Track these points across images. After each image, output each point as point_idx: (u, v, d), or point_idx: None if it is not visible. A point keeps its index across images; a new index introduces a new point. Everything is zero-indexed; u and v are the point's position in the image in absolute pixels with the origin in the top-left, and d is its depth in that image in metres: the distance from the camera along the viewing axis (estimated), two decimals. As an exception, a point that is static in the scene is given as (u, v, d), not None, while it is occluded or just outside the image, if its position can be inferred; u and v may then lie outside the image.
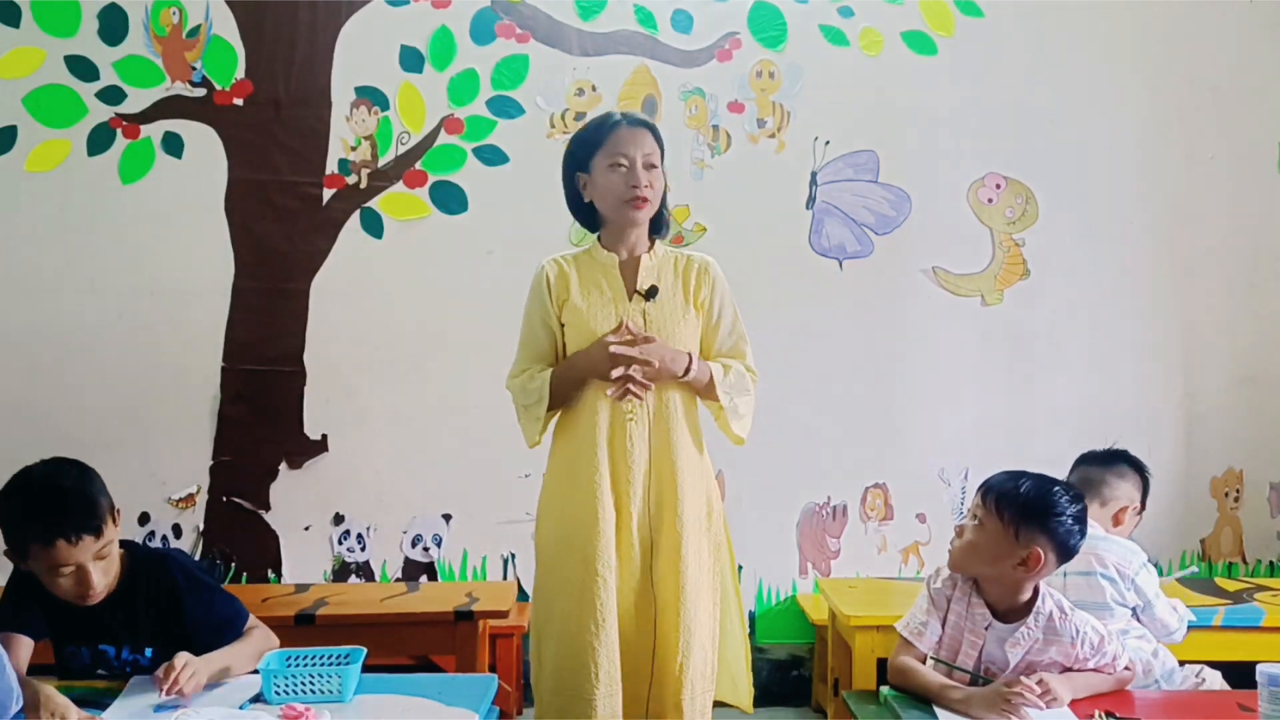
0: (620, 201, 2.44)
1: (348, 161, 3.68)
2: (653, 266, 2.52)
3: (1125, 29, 3.76)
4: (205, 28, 3.64)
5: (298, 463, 3.68)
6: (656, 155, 2.47)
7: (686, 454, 2.48)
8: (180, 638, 2.24)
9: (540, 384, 2.49)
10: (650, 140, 2.47)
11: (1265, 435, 3.81)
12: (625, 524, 2.45)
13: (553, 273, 2.53)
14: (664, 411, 2.47)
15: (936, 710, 2.11)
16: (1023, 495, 2.19)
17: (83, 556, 2.14)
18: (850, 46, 3.73)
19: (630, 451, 2.44)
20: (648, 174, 2.44)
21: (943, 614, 2.25)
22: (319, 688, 2.10)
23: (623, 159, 2.43)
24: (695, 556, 2.47)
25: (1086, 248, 3.78)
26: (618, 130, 2.46)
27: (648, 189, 2.43)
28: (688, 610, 2.44)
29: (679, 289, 2.51)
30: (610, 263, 2.51)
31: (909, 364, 3.76)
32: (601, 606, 2.40)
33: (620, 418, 2.45)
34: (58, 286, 3.64)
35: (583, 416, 2.47)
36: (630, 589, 2.46)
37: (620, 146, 2.44)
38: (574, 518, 2.45)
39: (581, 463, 2.45)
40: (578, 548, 2.43)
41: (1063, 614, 2.20)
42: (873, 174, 3.76)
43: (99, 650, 2.28)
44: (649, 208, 2.46)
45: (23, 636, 2.27)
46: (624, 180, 2.43)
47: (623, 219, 2.48)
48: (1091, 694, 2.16)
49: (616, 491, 2.45)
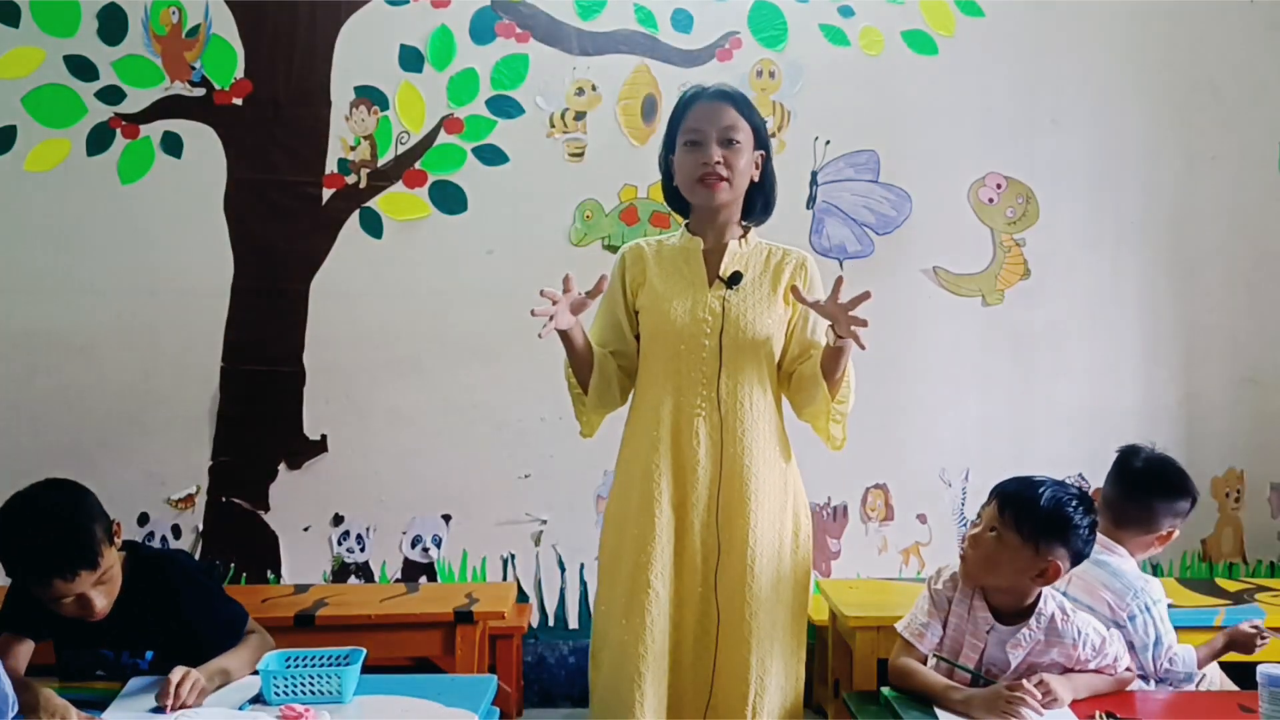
0: (692, 181, 2.27)
1: (347, 161, 3.67)
2: (740, 254, 2.34)
3: (1125, 29, 3.75)
4: (205, 27, 3.64)
5: (297, 463, 3.68)
6: (741, 130, 2.27)
7: (764, 455, 2.28)
8: (180, 640, 2.24)
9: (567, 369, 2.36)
10: (731, 113, 2.27)
11: (1266, 435, 3.81)
12: (687, 529, 2.25)
13: (630, 256, 2.38)
14: (738, 407, 2.26)
15: (937, 711, 2.11)
16: (1043, 510, 2.17)
17: (82, 588, 2.13)
18: (850, 46, 3.72)
19: (695, 448, 2.25)
20: (726, 150, 2.24)
21: (944, 616, 2.26)
22: (318, 688, 2.10)
23: (696, 135, 2.26)
24: (771, 575, 2.26)
25: (1086, 248, 3.78)
26: (695, 105, 2.29)
27: (720, 165, 2.24)
28: (759, 637, 2.23)
29: (766, 280, 2.33)
30: (694, 247, 2.34)
31: (909, 364, 3.76)
32: (651, 623, 2.21)
33: (687, 411, 2.26)
34: (58, 286, 3.64)
35: (645, 409, 2.31)
36: (693, 604, 2.25)
37: (694, 121, 2.27)
38: (629, 520, 2.28)
39: (639, 459, 2.28)
40: (629, 554, 2.25)
41: (1064, 616, 2.20)
42: (873, 174, 3.76)
43: (99, 654, 2.28)
44: (725, 187, 2.26)
45: (25, 639, 2.27)
46: (696, 158, 2.25)
47: (699, 199, 2.29)
48: (1092, 695, 2.16)
49: (679, 493, 2.25)
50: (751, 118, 2.31)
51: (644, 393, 2.33)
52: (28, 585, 2.16)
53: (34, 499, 2.16)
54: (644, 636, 2.22)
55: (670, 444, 2.27)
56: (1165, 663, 2.44)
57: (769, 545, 2.27)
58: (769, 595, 2.26)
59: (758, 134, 2.32)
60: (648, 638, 2.22)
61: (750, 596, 2.23)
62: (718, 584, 2.24)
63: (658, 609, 2.23)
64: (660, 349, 2.31)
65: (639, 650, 2.21)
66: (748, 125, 2.29)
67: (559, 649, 3.72)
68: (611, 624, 2.28)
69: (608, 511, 2.39)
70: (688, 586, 2.26)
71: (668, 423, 2.27)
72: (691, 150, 2.26)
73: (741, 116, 2.28)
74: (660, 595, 2.23)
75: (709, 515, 2.25)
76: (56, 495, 2.18)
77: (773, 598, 2.27)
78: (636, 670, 2.21)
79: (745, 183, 2.31)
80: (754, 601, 2.23)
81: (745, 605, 2.23)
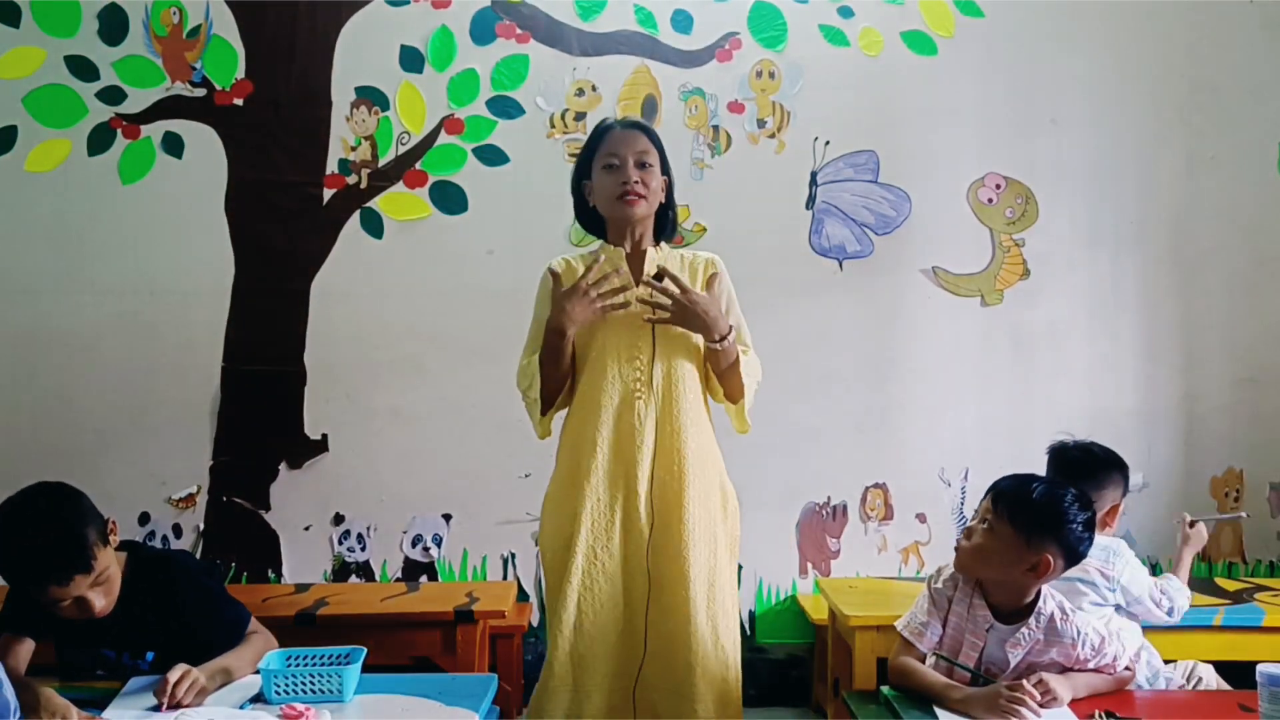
0: (613, 198, 2.47)
1: (348, 161, 3.68)
2: (660, 257, 2.54)
3: (1126, 29, 3.75)
4: (205, 28, 3.64)
5: (298, 463, 3.69)
6: (651, 155, 2.49)
7: (696, 435, 2.46)
8: (182, 640, 2.24)
9: (532, 364, 2.51)
10: (643, 140, 2.49)
11: (1265, 435, 3.81)
12: (632, 504, 2.42)
13: (559, 269, 2.54)
14: (673, 390, 2.45)
15: (937, 711, 2.11)
16: (1036, 503, 2.18)
17: (78, 591, 2.13)
18: (850, 46, 3.73)
19: (638, 428, 2.42)
20: (640, 172, 2.46)
21: (943, 614, 2.26)
22: (319, 687, 2.10)
23: (614, 158, 2.46)
24: (706, 544, 2.43)
25: (1086, 248, 3.78)
26: (610, 133, 2.50)
27: (638, 185, 2.45)
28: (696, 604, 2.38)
29: (684, 277, 2.48)
30: (618, 255, 2.52)
31: (909, 364, 3.76)
32: (599, 591, 2.40)
33: (628, 395, 2.44)
34: (58, 286, 3.64)
35: (587, 395, 2.47)
36: (639, 573, 2.42)
37: (612, 147, 2.48)
38: (575, 497, 2.44)
39: (585, 439, 2.45)
40: (578, 531, 2.41)
41: (1064, 615, 2.20)
42: (873, 174, 3.76)
43: (100, 654, 2.28)
44: (642, 204, 2.47)
45: (25, 639, 2.27)
46: (615, 178, 2.46)
47: (618, 215, 2.49)
48: (1092, 694, 2.17)
49: (623, 470, 2.43)
50: (659, 146, 2.53)
51: (587, 381, 2.49)
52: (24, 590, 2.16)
53: (24, 505, 2.15)
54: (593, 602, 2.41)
55: (614, 427, 2.44)
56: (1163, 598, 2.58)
57: (703, 516, 2.44)
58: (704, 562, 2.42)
59: (664, 160, 2.53)
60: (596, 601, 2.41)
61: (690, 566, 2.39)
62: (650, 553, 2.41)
63: (604, 578, 2.42)
64: (599, 343, 2.48)
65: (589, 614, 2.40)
66: (656, 151, 2.50)
67: (559, 649, 3.72)
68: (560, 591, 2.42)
69: (551, 486, 2.54)
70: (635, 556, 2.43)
71: (611, 407, 2.44)
72: (611, 172, 2.47)
73: (651, 144, 2.50)
74: (606, 567, 2.42)
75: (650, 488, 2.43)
76: (47, 500, 2.16)
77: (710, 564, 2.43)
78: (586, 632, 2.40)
79: (657, 201, 2.52)
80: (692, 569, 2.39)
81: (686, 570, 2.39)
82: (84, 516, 2.15)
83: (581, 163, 2.56)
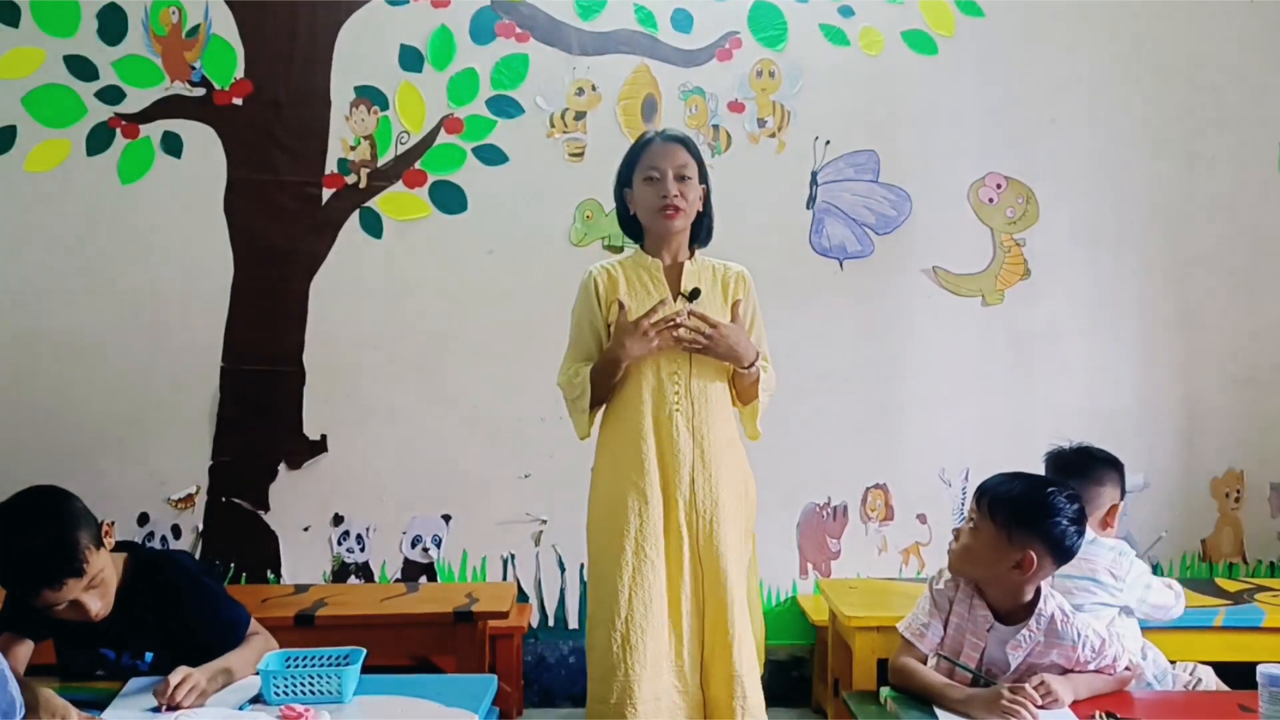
0: (654, 211, 2.60)
1: (347, 161, 3.68)
2: (694, 271, 2.67)
3: (1125, 29, 3.75)
4: (205, 27, 3.64)
5: (297, 463, 3.68)
6: (691, 168, 2.62)
7: (726, 443, 2.64)
8: (181, 641, 2.24)
9: (583, 379, 2.63)
10: (683, 154, 2.62)
11: (1265, 436, 3.81)
12: (672, 510, 2.58)
13: (601, 278, 2.67)
14: (705, 403, 2.61)
15: (937, 711, 2.11)
16: (1016, 498, 2.19)
17: (71, 594, 2.12)
18: (850, 46, 3.73)
19: (676, 440, 2.58)
20: (679, 185, 2.59)
21: (944, 616, 2.26)
22: (318, 688, 2.10)
23: (655, 171, 2.60)
24: (736, 546, 2.61)
25: (1086, 248, 3.78)
26: (651, 146, 2.63)
27: (678, 198, 2.58)
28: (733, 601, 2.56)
29: (717, 293, 2.66)
30: (655, 267, 2.66)
31: (909, 364, 3.76)
32: (649, 587, 2.53)
33: (665, 407, 2.59)
34: (58, 286, 3.64)
35: (629, 407, 2.61)
36: (679, 574, 2.57)
37: (653, 160, 2.61)
38: (623, 502, 2.58)
39: (628, 451, 2.59)
40: (627, 532, 2.56)
41: (1064, 616, 2.20)
42: (873, 174, 3.76)
43: (99, 654, 2.28)
44: (681, 216, 2.61)
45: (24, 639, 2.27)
46: (656, 191, 2.59)
47: (658, 227, 2.64)
48: (1093, 695, 2.16)
49: (664, 478, 2.58)
50: (698, 157, 2.66)
51: (626, 392, 2.63)
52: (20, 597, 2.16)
53: (14, 510, 2.15)
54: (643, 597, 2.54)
55: (654, 434, 2.60)
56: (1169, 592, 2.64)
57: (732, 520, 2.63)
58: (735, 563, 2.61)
59: (702, 171, 2.67)
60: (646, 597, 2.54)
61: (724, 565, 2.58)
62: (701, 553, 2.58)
63: (654, 575, 2.55)
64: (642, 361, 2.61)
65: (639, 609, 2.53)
66: (695, 164, 2.64)
67: (559, 649, 3.72)
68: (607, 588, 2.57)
69: (594, 491, 2.70)
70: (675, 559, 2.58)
71: (650, 416, 2.60)
72: (651, 184, 2.61)
73: (691, 157, 2.64)
74: (656, 565, 2.56)
75: (690, 497, 2.59)
76: (37, 504, 2.15)
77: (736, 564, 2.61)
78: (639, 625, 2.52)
79: (694, 212, 2.66)
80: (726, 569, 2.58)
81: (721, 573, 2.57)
82: (75, 520, 2.14)
83: (623, 172, 2.69)
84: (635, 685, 2.49)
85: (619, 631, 2.52)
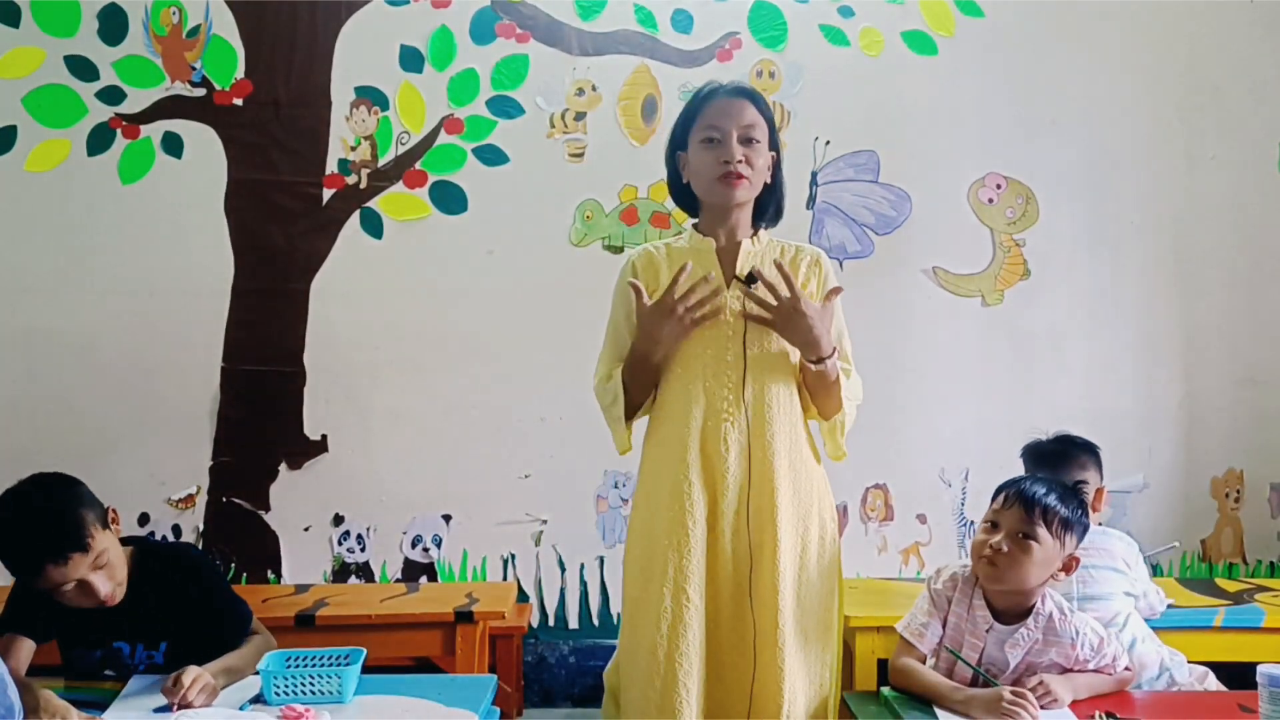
0: (712, 179, 2.18)
1: (347, 161, 3.68)
2: (755, 253, 2.27)
3: (1125, 29, 3.75)
4: (205, 28, 3.64)
5: (298, 463, 3.68)
6: (759, 129, 2.20)
7: (792, 460, 2.21)
8: (193, 631, 2.26)
9: (615, 383, 2.23)
10: (751, 111, 2.20)
11: (1265, 435, 3.80)
12: (718, 538, 2.17)
13: (640, 262, 2.28)
14: (764, 410, 2.18)
15: (937, 711, 2.11)
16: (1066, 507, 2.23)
17: (78, 572, 2.13)
18: (850, 46, 3.73)
19: (724, 455, 2.17)
20: (745, 148, 2.17)
21: (943, 615, 2.26)
22: (319, 688, 2.11)
23: (715, 131, 2.18)
24: (798, 581, 2.20)
25: (1086, 248, 3.78)
26: (713, 101, 2.22)
27: (742, 164, 2.16)
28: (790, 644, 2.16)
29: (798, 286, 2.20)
30: (707, 248, 2.25)
31: (909, 364, 3.76)
32: (686, 632, 2.14)
33: (715, 416, 2.17)
34: (58, 286, 3.64)
35: (673, 416, 2.21)
36: (727, 612, 2.19)
37: (713, 118, 2.20)
38: (660, 530, 2.18)
39: (668, 468, 2.19)
40: (662, 566, 2.16)
41: (1063, 615, 2.21)
42: (873, 174, 3.76)
43: (112, 648, 2.28)
44: (745, 185, 2.19)
45: (25, 639, 2.27)
46: (716, 155, 2.17)
47: (717, 198, 2.21)
48: (1092, 695, 2.17)
49: (709, 500, 2.18)
50: (768, 116, 2.24)
51: (668, 400, 2.23)
52: (26, 580, 2.17)
53: (21, 491, 2.18)
54: (683, 648, 2.14)
55: (699, 452, 2.19)
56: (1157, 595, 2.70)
57: (795, 552, 2.21)
58: (798, 602, 2.20)
59: (773, 134, 2.25)
60: (686, 648, 2.14)
61: (781, 604, 2.17)
62: (752, 592, 2.17)
63: (692, 617, 2.15)
64: (683, 355, 2.22)
65: (678, 661, 2.14)
66: (765, 124, 2.22)
67: (559, 649, 3.72)
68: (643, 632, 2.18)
69: (634, 521, 2.30)
70: (722, 595, 2.19)
71: (696, 430, 2.18)
72: (711, 148, 2.19)
73: (761, 115, 2.22)
74: (697, 606, 2.16)
75: (739, 522, 2.18)
76: (42, 485, 2.19)
77: (801, 605, 2.21)
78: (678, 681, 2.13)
79: (761, 182, 2.25)
80: (784, 609, 2.17)
81: (778, 613, 2.16)
82: (80, 499, 2.18)
83: (677, 132, 2.27)
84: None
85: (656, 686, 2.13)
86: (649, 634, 2.16)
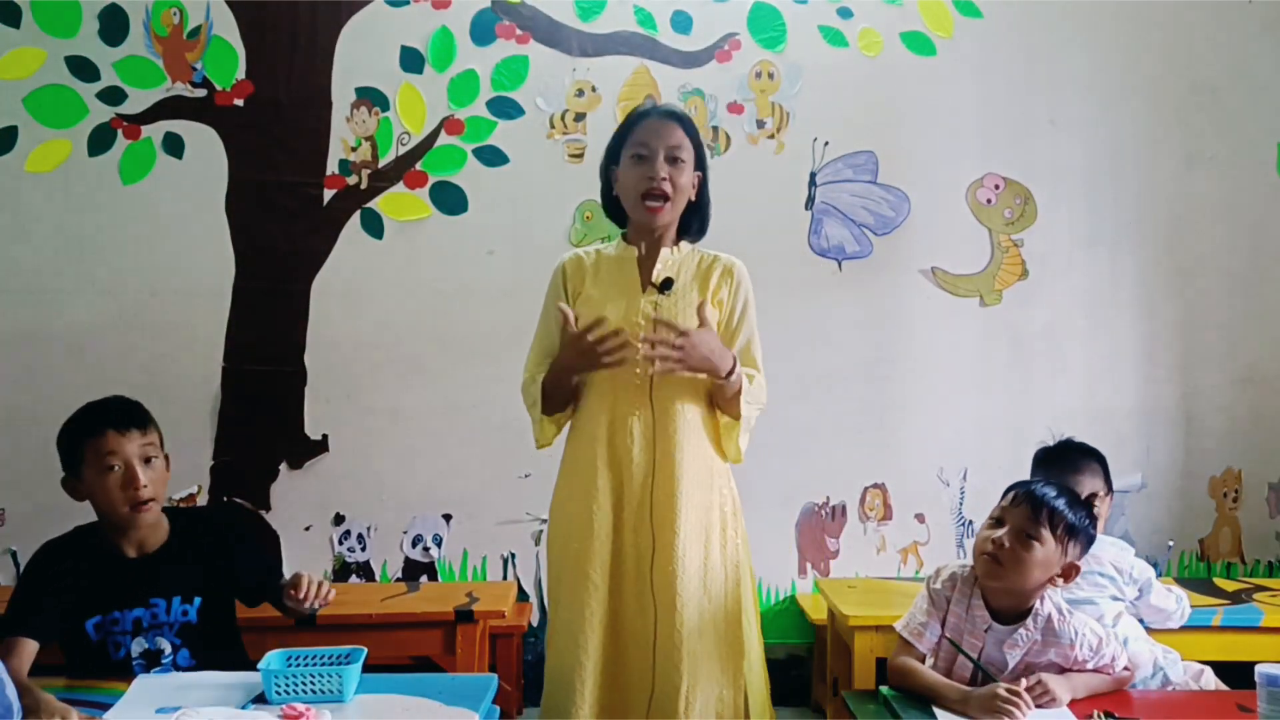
0: (636, 195, 2.33)
1: (348, 162, 3.68)
2: (672, 261, 2.41)
3: (1124, 29, 3.76)
4: (206, 28, 3.64)
5: (298, 463, 3.69)
6: (685, 150, 2.33)
7: (694, 453, 2.34)
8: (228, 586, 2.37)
9: (535, 389, 2.43)
10: (679, 133, 2.34)
11: (1264, 435, 3.82)
12: (624, 524, 2.33)
13: (570, 266, 2.45)
14: (670, 407, 2.34)
15: (936, 711, 2.11)
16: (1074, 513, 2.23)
17: (130, 450, 2.26)
18: (849, 47, 3.73)
19: (630, 446, 2.33)
20: (671, 167, 2.31)
21: (942, 615, 2.26)
22: (319, 687, 2.11)
23: (644, 149, 2.32)
24: (699, 571, 2.32)
25: (1086, 248, 3.79)
26: (645, 121, 2.36)
27: (665, 182, 2.30)
28: (689, 631, 2.28)
29: (695, 286, 2.39)
30: (629, 255, 2.42)
31: (908, 364, 3.77)
32: (590, 615, 2.30)
33: (623, 410, 2.34)
34: (58, 286, 3.64)
35: (587, 413, 2.39)
36: (631, 597, 2.32)
37: (643, 136, 2.33)
38: (571, 517, 2.38)
39: (582, 461, 2.38)
40: (573, 550, 2.35)
41: (1061, 616, 2.21)
42: (872, 174, 3.77)
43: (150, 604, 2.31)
44: (667, 208, 2.34)
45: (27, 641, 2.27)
46: (642, 172, 2.32)
47: (640, 218, 2.37)
48: (1090, 694, 2.17)
49: (615, 488, 2.34)
50: (695, 138, 2.37)
51: (586, 395, 2.41)
52: (82, 451, 2.26)
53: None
54: (584, 627, 2.30)
55: (607, 442, 2.35)
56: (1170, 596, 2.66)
57: (696, 542, 2.33)
58: (697, 591, 2.32)
59: (699, 155, 2.39)
60: (587, 628, 2.30)
61: (680, 589, 2.29)
62: (653, 578, 2.30)
63: (596, 601, 2.31)
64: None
65: (579, 641, 2.30)
66: (691, 145, 2.36)
67: (559, 648, 3.72)
68: (559, 611, 2.38)
69: (553, 505, 2.48)
70: (627, 579, 2.33)
71: (605, 422, 2.35)
72: (638, 164, 2.33)
73: (687, 137, 2.35)
74: (599, 587, 2.32)
75: (643, 510, 2.32)
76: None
77: (701, 594, 2.32)
78: (577, 660, 2.29)
79: (684, 200, 2.38)
80: (684, 595, 2.29)
81: (676, 597, 2.29)
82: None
83: (612, 147, 2.41)
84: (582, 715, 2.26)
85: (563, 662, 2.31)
86: (562, 612, 2.36)
